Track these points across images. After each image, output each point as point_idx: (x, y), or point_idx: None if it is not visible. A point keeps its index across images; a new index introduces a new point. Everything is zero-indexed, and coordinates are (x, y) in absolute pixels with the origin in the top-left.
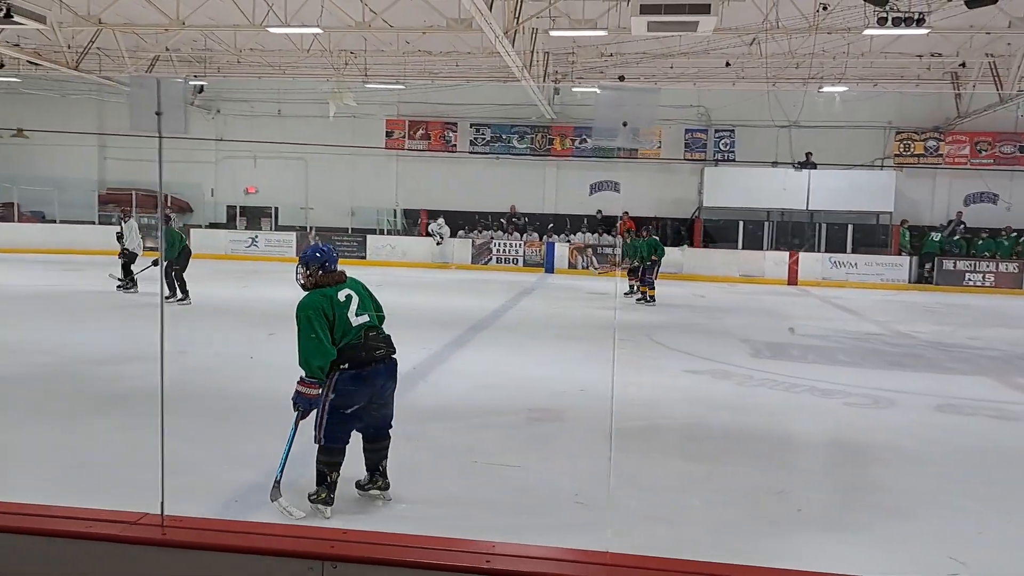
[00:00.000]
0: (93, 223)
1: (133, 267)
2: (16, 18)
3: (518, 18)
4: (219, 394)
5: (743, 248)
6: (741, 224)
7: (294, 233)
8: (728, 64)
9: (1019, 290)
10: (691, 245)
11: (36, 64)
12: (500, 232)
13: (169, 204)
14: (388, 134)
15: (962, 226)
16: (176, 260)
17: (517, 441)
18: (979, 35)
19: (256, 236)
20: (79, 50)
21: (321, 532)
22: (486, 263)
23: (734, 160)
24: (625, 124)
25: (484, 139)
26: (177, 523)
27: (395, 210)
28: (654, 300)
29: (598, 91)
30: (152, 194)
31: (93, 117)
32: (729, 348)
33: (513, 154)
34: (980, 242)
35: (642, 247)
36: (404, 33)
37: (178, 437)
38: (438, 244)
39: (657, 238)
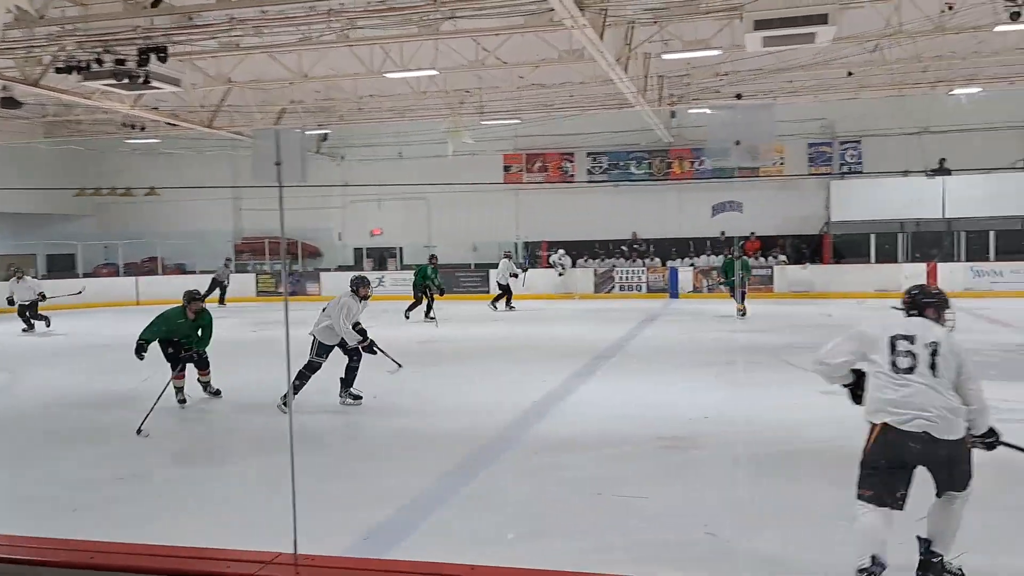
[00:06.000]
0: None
1: None
2: (154, 83)
3: (630, 44)
4: (347, 433)
5: (876, 262)
6: (872, 237)
7: None
8: (850, 73)
9: None
10: (820, 262)
11: (173, 125)
12: (622, 260)
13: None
14: (506, 168)
15: None
16: None
17: (649, 471)
18: None
19: (383, 276)
20: (211, 108)
21: (448, 568)
22: (609, 291)
23: (861, 172)
24: (738, 143)
25: (602, 167)
26: (310, 562)
27: (516, 243)
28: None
29: (709, 111)
30: (287, 241)
31: (227, 171)
32: None
33: (632, 180)
34: None
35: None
36: (517, 68)
37: (312, 476)
38: (560, 275)
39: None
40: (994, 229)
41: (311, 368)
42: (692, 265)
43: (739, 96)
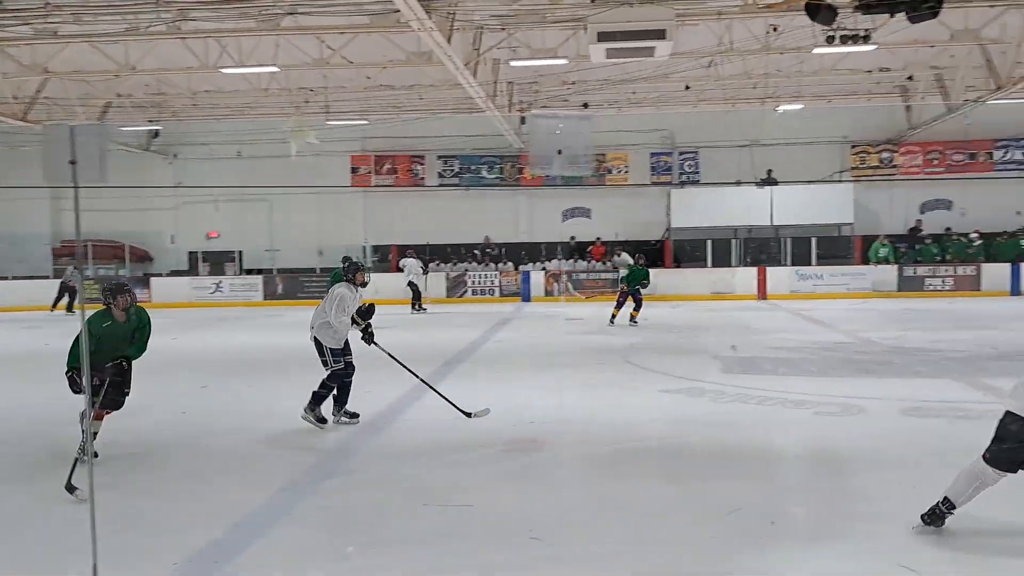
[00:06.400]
0: (48, 277)
1: None
2: None
3: (478, 49)
4: (183, 448)
5: (712, 266)
6: (709, 243)
7: (260, 276)
8: (687, 87)
9: (978, 292)
10: (663, 266)
11: None
12: (475, 264)
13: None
14: (353, 170)
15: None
16: None
17: (486, 477)
18: (923, 49)
19: (220, 282)
20: (26, 100)
21: None
22: (461, 295)
23: (699, 181)
24: (560, 152)
25: (453, 171)
26: None
27: (364, 247)
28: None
29: (526, 121)
30: (112, 244)
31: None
32: (702, 365)
33: (483, 185)
34: (926, 246)
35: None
36: (364, 69)
37: (136, 496)
38: None
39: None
40: (815, 236)
41: (333, 378)
42: (544, 269)
43: (586, 105)
